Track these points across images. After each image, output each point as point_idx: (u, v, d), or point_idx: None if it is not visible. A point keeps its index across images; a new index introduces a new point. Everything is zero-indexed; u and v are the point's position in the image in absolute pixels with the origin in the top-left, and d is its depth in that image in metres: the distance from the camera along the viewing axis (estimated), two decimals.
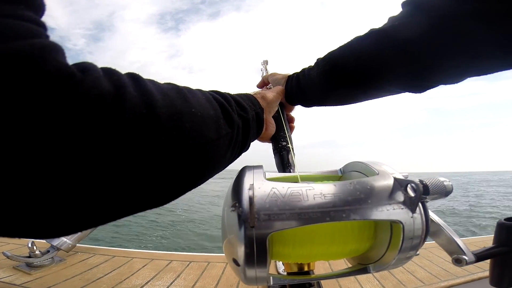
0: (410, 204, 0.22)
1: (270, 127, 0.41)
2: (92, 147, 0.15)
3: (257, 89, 0.56)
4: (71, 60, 0.16)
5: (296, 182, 0.31)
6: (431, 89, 0.36)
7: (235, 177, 0.25)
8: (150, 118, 0.18)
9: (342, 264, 0.92)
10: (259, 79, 0.59)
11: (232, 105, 0.28)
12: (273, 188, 0.21)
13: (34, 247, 0.92)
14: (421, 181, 0.23)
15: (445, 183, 0.25)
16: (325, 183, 0.23)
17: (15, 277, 0.86)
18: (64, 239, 0.97)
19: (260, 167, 0.25)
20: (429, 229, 0.25)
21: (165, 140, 0.18)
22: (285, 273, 0.34)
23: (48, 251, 0.95)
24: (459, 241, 0.30)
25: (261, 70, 0.62)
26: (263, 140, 0.43)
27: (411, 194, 0.22)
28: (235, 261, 0.23)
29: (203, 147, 0.22)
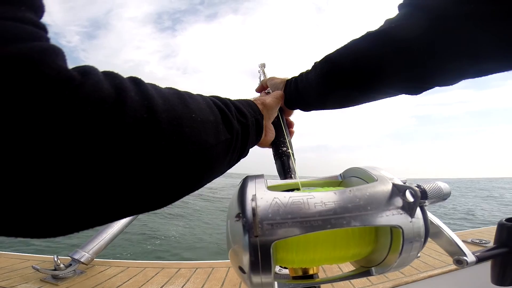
0: (409, 209, 0.23)
1: (270, 133, 0.41)
2: (91, 150, 0.15)
3: (256, 94, 0.57)
4: None
5: (297, 188, 0.32)
6: (424, 93, 0.36)
7: (238, 187, 0.26)
8: (150, 123, 0.18)
9: (343, 266, 0.96)
10: (255, 83, 0.60)
11: (232, 111, 0.29)
12: (275, 198, 0.22)
13: (58, 260, 1.02)
14: (418, 186, 0.24)
15: (442, 187, 0.25)
16: (325, 190, 0.24)
17: None
18: (83, 252, 1.07)
19: (261, 176, 0.26)
20: (429, 232, 0.26)
21: (165, 144, 0.19)
22: (289, 276, 0.35)
23: (71, 264, 1.04)
24: (459, 242, 0.31)
25: (259, 73, 0.62)
26: (262, 146, 0.43)
27: (410, 199, 0.23)
28: (241, 269, 0.24)
29: (202, 152, 0.22)
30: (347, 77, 0.39)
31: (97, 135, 0.15)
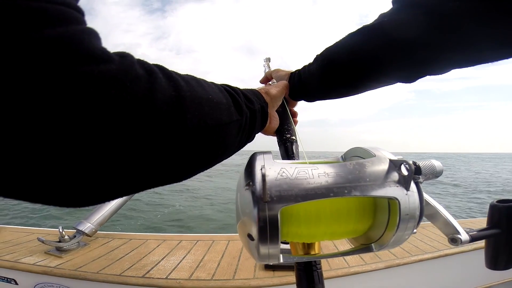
0: (404, 182, 0.25)
1: (274, 120, 0.43)
2: (129, 121, 0.17)
3: (261, 85, 0.60)
4: None
5: None
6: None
7: (247, 161, 0.28)
8: (178, 99, 0.21)
9: (344, 246, 1.03)
10: (250, 60, 0.65)
11: (241, 97, 0.32)
12: (282, 168, 0.24)
13: (64, 232, 1.05)
14: (414, 162, 0.26)
15: (436, 164, 0.27)
16: (328, 163, 0.26)
17: (49, 260, 0.98)
18: (87, 223, 1.08)
19: (269, 152, 0.28)
20: (424, 207, 0.27)
21: (190, 117, 0.21)
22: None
23: (75, 236, 1.07)
24: (454, 222, 0.33)
25: (264, 67, 0.65)
26: (267, 133, 0.46)
27: (405, 172, 0.25)
28: (249, 236, 0.26)
29: (218, 128, 0.25)
30: (345, 69, 0.41)
31: (135, 108, 0.18)
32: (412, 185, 0.26)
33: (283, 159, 0.43)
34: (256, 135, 0.40)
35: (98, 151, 0.17)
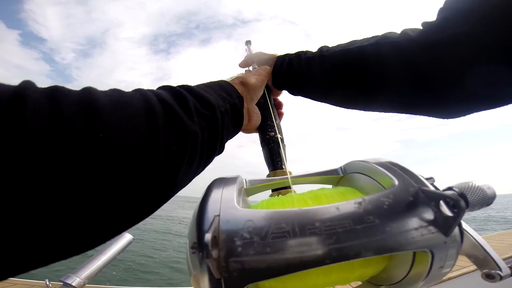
0: (444, 226, 0.16)
1: (255, 117, 0.33)
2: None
3: (240, 70, 0.48)
4: (55, 74, 0.09)
5: (287, 187, 0.25)
6: (406, 117, 0.34)
7: (200, 197, 0.18)
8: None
9: None
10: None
11: (190, 106, 0.22)
12: (248, 220, 0.15)
13: (50, 284, 0.98)
14: (450, 188, 0.17)
15: (486, 188, 0.18)
16: (325, 203, 0.16)
17: None
18: (75, 277, 1.05)
19: (234, 180, 0.18)
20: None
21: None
22: None
23: None
24: (493, 253, 0.24)
25: (246, 51, 0.54)
26: (248, 131, 0.36)
27: (448, 213, 0.15)
28: None
29: (117, 188, 0.16)
30: (367, 77, 0.33)
31: None
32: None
33: (266, 163, 0.34)
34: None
35: None
